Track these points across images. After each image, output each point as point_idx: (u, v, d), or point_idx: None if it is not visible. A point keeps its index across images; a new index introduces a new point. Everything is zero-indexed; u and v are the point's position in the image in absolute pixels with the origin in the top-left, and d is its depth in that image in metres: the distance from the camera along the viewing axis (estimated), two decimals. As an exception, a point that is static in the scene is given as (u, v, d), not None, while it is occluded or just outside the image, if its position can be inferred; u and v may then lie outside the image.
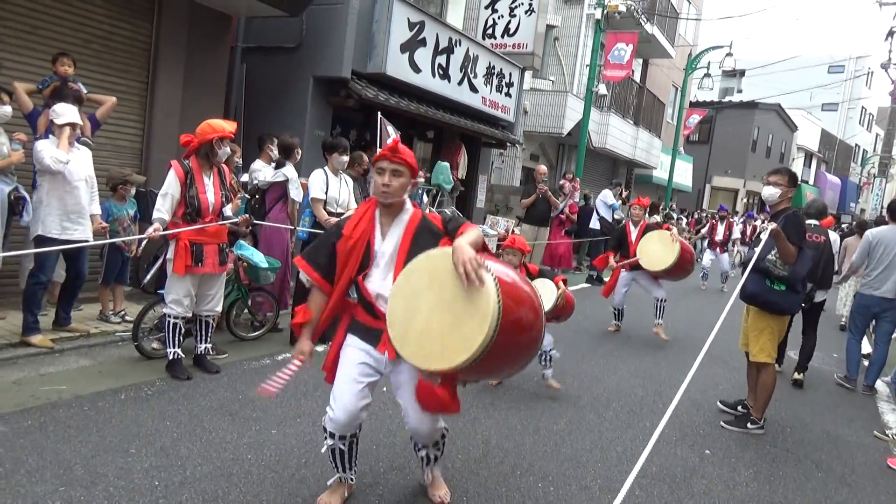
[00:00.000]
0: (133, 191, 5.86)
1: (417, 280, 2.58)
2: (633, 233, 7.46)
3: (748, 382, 5.02)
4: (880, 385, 6.42)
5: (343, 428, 2.84)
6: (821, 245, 6.41)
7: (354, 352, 2.87)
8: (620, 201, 12.92)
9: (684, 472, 3.92)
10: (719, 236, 13.35)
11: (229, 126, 4.61)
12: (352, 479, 3.07)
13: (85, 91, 5.49)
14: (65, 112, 4.76)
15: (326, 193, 5.77)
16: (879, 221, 8.75)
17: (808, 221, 6.45)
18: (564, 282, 4.75)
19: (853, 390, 6.34)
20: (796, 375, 6.38)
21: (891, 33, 15.80)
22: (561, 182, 12.48)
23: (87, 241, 4.97)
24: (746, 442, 4.57)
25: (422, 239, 2.76)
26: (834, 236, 7.24)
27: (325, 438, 2.90)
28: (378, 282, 2.81)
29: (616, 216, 13.15)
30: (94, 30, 6.36)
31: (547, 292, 4.62)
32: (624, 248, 7.47)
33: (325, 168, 5.85)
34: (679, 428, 4.61)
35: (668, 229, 7.25)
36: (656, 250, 6.96)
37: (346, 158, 5.97)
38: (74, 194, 4.86)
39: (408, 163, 2.77)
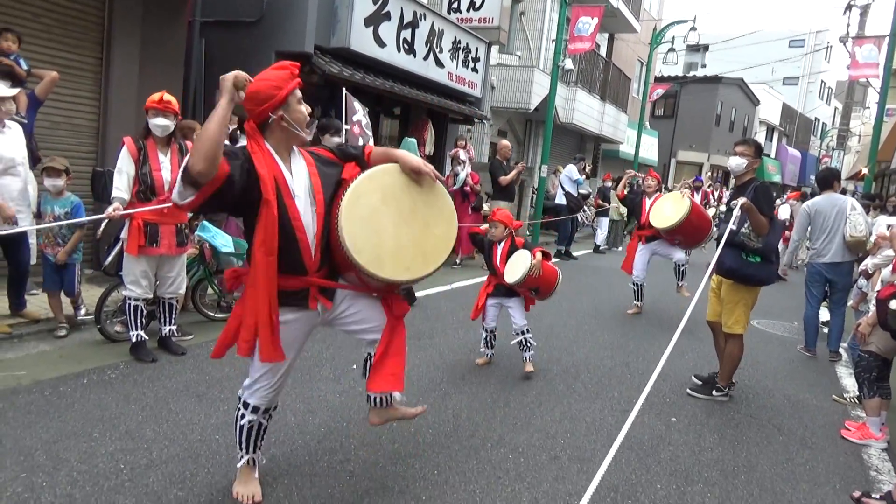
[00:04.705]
0: (62, 182, 4.81)
1: (367, 202, 2.61)
2: (647, 203, 7.61)
3: (717, 352, 5.09)
4: (843, 350, 6.58)
5: (272, 401, 2.79)
6: None
7: (288, 331, 2.63)
8: (585, 176, 12.95)
9: (652, 439, 3.99)
10: None
11: (159, 95, 4.39)
12: (263, 460, 3.01)
13: (25, 67, 5.23)
14: None
15: None
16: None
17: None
18: (546, 254, 4.74)
19: (814, 357, 6.50)
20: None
21: (849, 7, 16.03)
22: (452, 151, 10.37)
23: (24, 227, 4.65)
24: (711, 409, 4.67)
25: (327, 171, 2.70)
26: None
27: (245, 414, 2.73)
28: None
29: (581, 191, 13.21)
30: (44, 3, 6.09)
31: (520, 263, 4.63)
32: (638, 217, 7.84)
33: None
34: (646, 397, 4.67)
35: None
36: (666, 208, 6.89)
37: (338, 140, 5.94)
38: (4, 179, 4.54)
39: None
